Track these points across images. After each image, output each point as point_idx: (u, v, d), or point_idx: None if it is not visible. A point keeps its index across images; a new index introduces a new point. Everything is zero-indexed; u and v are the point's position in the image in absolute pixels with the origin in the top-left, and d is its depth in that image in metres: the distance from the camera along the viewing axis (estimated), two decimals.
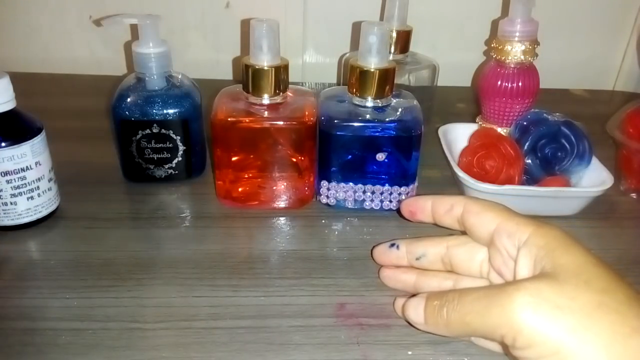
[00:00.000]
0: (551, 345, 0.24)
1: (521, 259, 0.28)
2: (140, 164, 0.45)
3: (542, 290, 0.25)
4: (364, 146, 0.41)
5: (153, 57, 0.43)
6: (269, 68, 0.39)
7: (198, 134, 0.46)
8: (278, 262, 0.38)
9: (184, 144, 0.44)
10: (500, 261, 0.30)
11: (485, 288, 0.28)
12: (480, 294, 0.27)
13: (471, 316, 0.27)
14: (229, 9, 0.69)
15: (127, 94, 0.43)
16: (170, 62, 0.44)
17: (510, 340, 0.25)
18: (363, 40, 0.40)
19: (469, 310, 0.27)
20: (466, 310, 0.27)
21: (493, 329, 0.26)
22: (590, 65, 0.74)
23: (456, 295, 0.28)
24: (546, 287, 0.25)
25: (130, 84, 0.44)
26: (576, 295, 0.25)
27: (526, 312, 0.25)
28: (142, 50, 0.43)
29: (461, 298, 0.28)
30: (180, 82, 0.45)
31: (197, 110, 0.45)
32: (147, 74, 0.43)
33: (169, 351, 0.30)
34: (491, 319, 0.26)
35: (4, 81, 0.36)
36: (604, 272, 0.26)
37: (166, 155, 0.45)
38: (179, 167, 0.46)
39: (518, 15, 0.45)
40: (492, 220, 0.31)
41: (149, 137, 0.44)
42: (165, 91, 0.44)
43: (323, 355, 0.30)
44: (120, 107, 0.43)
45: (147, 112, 0.43)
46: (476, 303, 0.27)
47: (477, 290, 0.27)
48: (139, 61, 0.43)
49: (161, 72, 0.44)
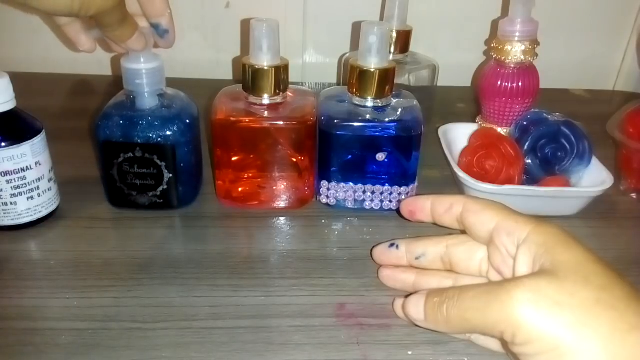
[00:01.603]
0: (550, 341, 0.24)
1: (520, 256, 0.28)
2: (123, 189, 0.41)
3: (541, 286, 0.25)
4: (364, 146, 0.42)
5: (144, 73, 0.39)
6: (269, 68, 0.39)
7: (188, 161, 0.41)
8: (278, 262, 0.38)
9: (169, 172, 0.40)
10: (500, 259, 0.30)
11: (485, 285, 0.28)
12: (480, 291, 0.27)
13: (471, 312, 0.27)
14: (229, 9, 0.69)
15: (111, 112, 0.40)
16: (163, 78, 0.41)
17: (510, 336, 0.25)
18: (363, 40, 0.40)
19: (469, 307, 0.27)
20: (466, 307, 0.27)
21: (493, 325, 0.26)
22: (590, 65, 0.74)
23: (456, 292, 0.28)
24: (545, 284, 0.25)
25: (119, 101, 0.41)
26: (575, 292, 0.25)
27: (525, 308, 0.25)
28: (131, 65, 0.39)
29: (461, 295, 0.28)
30: (172, 101, 0.41)
31: (188, 134, 0.41)
32: (136, 92, 0.40)
33: (169, 351, 0.30)
34: (491, 316, 0.26)
35: (4, 81, 0.36)
36: (603, 269, 0.26)
37: (150, 182, 0.41)
38: (163, 196, 0.41)
39: (518, 15, 0.45)
40: (492, 219, 0.31)
41: (132, 161, 0.40)
42: (152, 112, 0.40)
43: (323, 355, 0.30)
44: (102, 127, 0.39)
45: (129, 134, 0.39)
46: (476, 300, 0.27)
47: (477, 287, 0.28)
48: (128, 77, 0.39)
49: (153, 90, 0.40)
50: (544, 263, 0.27)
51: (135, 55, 0.39)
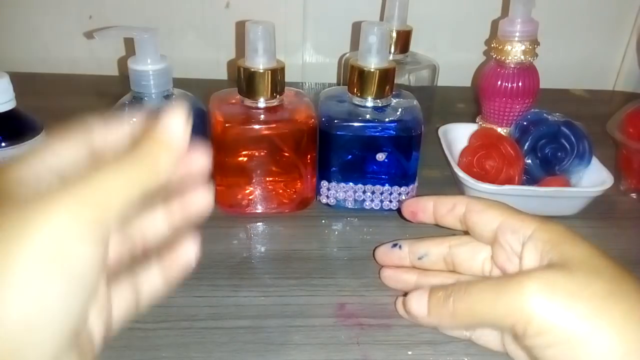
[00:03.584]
0: (563, 332, 0.24)
1: (527, 253, 0.28)
2: None
3: (553, 278, 0.25)
4: (364, 146, 0.41)
5: (151, 74, 0.39)
6: (264, 71, 0.39)
7: None
8: (278, 262, 0.38)
9: None
10: (504, 258, 0.30)
11: (494, 278, 0.28)
12: (489, 283, 0.27)
13: (480, 305, 0.26)
14: (228, 9, 0.69)
15: (118, 114, 0.39)
16: (170, 79, 0.41)
17: (521, 328, 0.25)
18: (363, 40, 0.40)
19: (477, 299, 0.27)
20: (474, 299, 0.27)
21: (502, 318, 0.25)
22: (590, 65, 0.74)
23: (463, 285, 0.28)
24: (557, 276, 0.25)
25: (125, 102, 0.41)
26: (588, 284, 0.25)
27: (538, 299, 0.24)
28: (139, 67, 0.39)
29: (469, 287, 0.27)
30: (179, 103, 0.41)
31: (195, 135, 0.40)
32: (143, 93, 0.40)
33: (169, 351, 0.30)
34: (501, 307, 0.25)
35: (4, 81, 0.36)
36: (611, 263, 0.26)
37: None
38: None
39: (518, 15, 0.45)
40: (495, 218, 0.31)
41: None
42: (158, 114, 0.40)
43: (323, 355, 0.30)
44: None
45: None
46: (485, 291, 0.26)
47: (485, 280, 0.27)
48: (135, 79, 0.39)
49: (159, 92, 0.40)
50: (552, 258, 0.27)
51: (142, 57, 0.39)
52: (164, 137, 0.22)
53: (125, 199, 0.20)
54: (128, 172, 0.20)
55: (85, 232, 0.18)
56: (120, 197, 0.20)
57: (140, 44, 0.39)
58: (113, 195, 0.19)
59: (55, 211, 0.18)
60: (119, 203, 0.20)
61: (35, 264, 0.17)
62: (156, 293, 0.26)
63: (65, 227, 0.18)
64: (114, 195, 0.19)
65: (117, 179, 0.20)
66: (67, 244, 0.18)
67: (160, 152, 0.21)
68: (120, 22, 0.68)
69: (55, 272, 0.18)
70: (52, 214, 0.18)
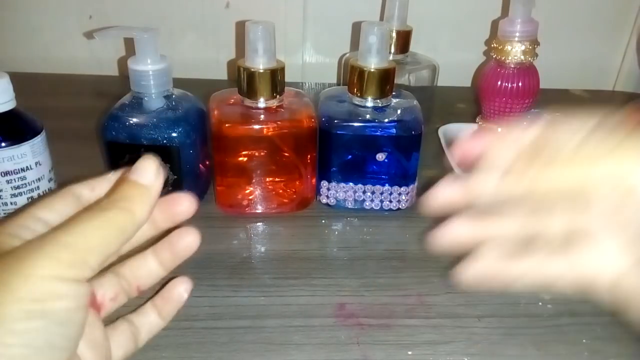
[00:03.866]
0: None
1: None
2: None
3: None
4: (364, 146, 0.42)
5: (151, 75, 0.39)
6: (264, 71, 0.39)
7: (193, 164, 0.42)
8: (278, 262, 0.38)
9: (174, 173, 0.40)
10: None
11: None
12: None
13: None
14: (229, 9, 0.69)
15: (118, 113, 0.40)
16: (170, 80, 0.41)
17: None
18: (363, 40, 0.40)
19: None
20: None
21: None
22: (590, 65, 0.74)
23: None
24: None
25: (125, 102, 0.41)
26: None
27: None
28: (138, 67, 0.39)
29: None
30: (179, 103, 0.41)
31: (194, 135, 0.41)
32: (142, 93, 0.40)
33: (169, 351, 0.30)
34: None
35: (4, 81, 0.36)
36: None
37: None
38: None
39: (518, 15, 0.45)
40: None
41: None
42: (158, 113, 0.40)
43: (323, 355, 0.30)
44: (108, 128, 0.39)
45: (135, 135, 0.39)
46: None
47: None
48: (135, 79, 0.39)
49: (159, 92, 0.40)
50: None
51: (142, 57, 0.39)
52: (137, 179, 0.23)
53: (104, 240, 0.21)
54: (104, 214, 0.22)
55: (65, 274, 0.20)
56: (98, 238, 0.21)
57: (140, 44, 0.39)
58: (90, 237, 0.21)
59: (40, 257, 0.20)
60: (97, 243, 0.21)
61: (19, 306, 0.19)
62: (154, 329, 0.27)
63: (48, 270, 0.19)
64: (92, 237, 0.21)
65: (93, 221, 0.21)
66: (49, 286, 0.19)
67: (134, 193, 0.23)
68: (120, 22, 0.68)
69: (37, 313, 0.19)
70: (36, 261, 0.19)
